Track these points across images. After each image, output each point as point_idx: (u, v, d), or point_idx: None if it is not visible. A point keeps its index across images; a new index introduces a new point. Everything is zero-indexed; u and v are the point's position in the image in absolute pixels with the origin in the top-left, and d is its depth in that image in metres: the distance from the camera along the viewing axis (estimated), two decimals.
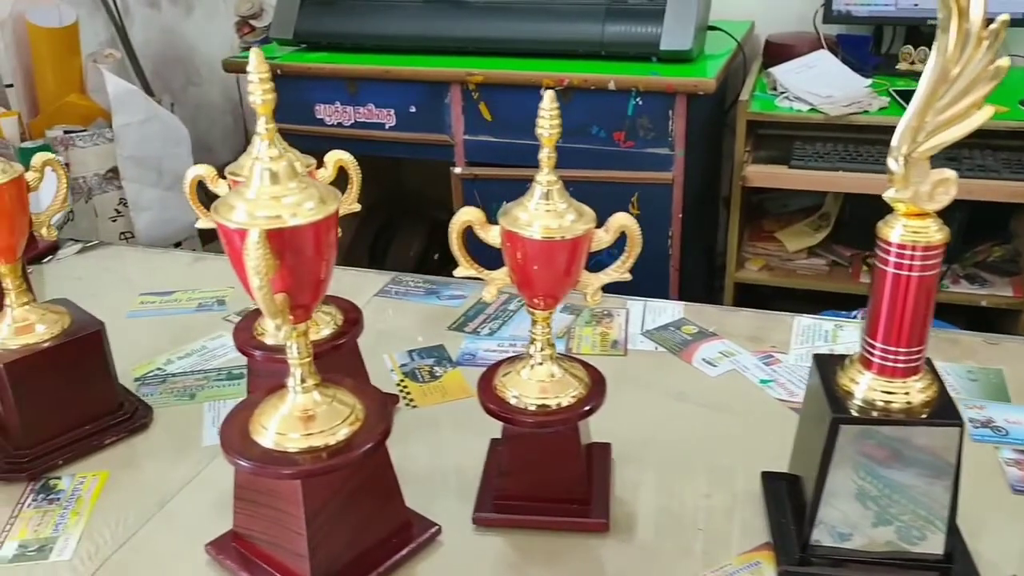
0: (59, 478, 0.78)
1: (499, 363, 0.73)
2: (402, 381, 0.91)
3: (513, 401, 0.69)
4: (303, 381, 0.63)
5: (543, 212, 0.64)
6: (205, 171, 0.73)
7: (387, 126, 2.15)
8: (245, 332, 0.79)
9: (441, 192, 2.22)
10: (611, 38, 1.99)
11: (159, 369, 0.94)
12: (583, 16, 2.03)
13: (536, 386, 0.69)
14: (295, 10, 2.19)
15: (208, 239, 2.61)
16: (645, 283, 0.95)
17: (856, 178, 1.89)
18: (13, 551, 0.70)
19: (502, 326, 1.00)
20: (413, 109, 2.11)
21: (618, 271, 0.68)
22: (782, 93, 2.02)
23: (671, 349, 0.95)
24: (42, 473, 0.78)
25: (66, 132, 1.96)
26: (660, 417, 0.85)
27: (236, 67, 2.21)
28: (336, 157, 0.77)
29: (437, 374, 0.92)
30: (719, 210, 2.52)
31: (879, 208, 0.61)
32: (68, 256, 1.19)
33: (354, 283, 1.11)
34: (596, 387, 0.70)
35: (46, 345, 0.78)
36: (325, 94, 2.16)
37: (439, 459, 0.81)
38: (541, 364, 0.70)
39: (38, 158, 0.78)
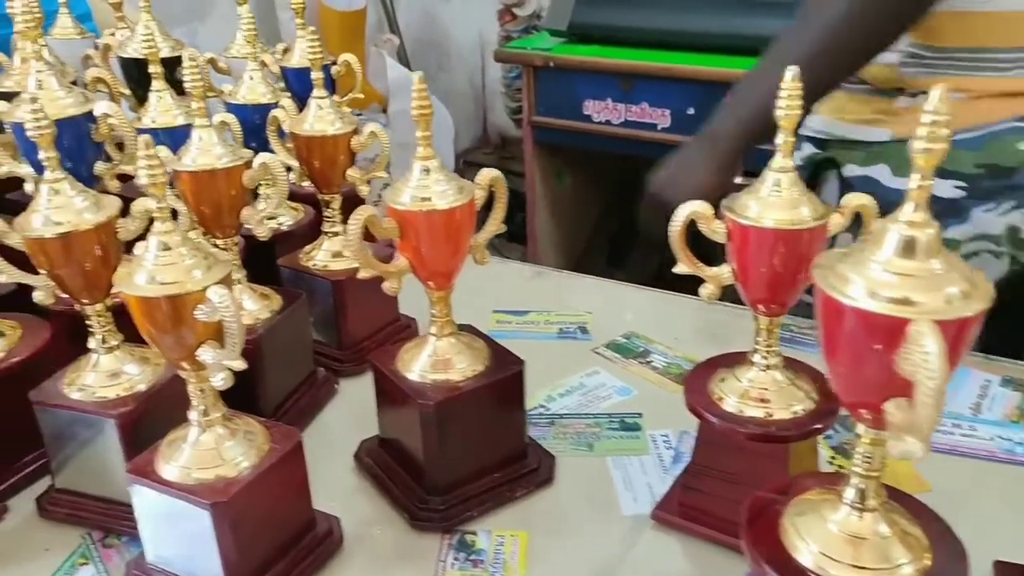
0: (475, 533, 0.70)
1: None
2: (834, 458, 0.77)
3: None
4: (863, 499, 0.51)
5: None
6: (702, 208, 0.62)
7: (660, 127, 2.02)
8: (700, 395, 0.67)
9: None
10: None
11: (542, 407, 0.85)
12: None
13: None
14: (571, 0, 2.10)
15: None
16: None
17: None
18: None
19: None
20: (691, 111, 1.97)
21: None
22: None
23: None
24: (457, 525, 0.71)
25: None
26: None
27: (507, 58, 2.14)
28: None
29: None
30: None
31: None
32: None
33: (726, 320, 0.99)
34: None
35: (470, 385, 0.70)
36: (596, 90, 2.06)
37: None
38: None
39: (484, 176, 0.70)
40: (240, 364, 0.57)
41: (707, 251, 0.65)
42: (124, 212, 0.67)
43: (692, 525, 0.69)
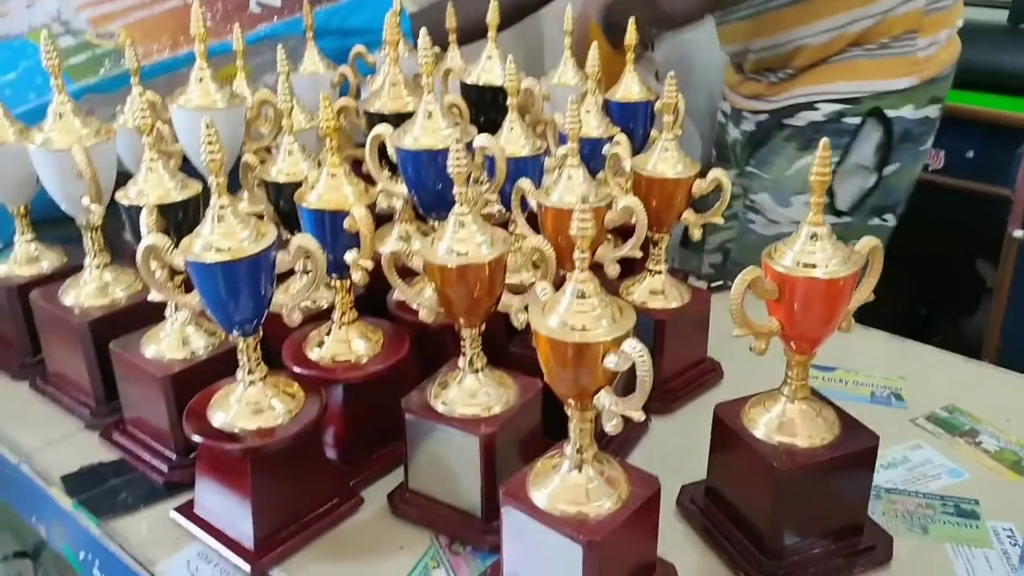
0: None
1: None
2: None
3: None
4: None
5: None
6: None
7: (931, 167, 1.89)
8: None
9: (974, 251, 1.93)
10: None
11: None
12: None
13: None
14: None
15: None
16: None
17: None
18: None
19: None
20: (970, 154, 1.84)
21: None
22: None
23: None
24: None
25: None
26: None
27: None
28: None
29: None
30: None
31: None
32: None
33: None
34: None
35: (826, 454, 0.69)
36: None
37: None
38: None
39: (865, 245, 0.68)
40: (640, 415, 0.59)
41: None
42: None
43: None
